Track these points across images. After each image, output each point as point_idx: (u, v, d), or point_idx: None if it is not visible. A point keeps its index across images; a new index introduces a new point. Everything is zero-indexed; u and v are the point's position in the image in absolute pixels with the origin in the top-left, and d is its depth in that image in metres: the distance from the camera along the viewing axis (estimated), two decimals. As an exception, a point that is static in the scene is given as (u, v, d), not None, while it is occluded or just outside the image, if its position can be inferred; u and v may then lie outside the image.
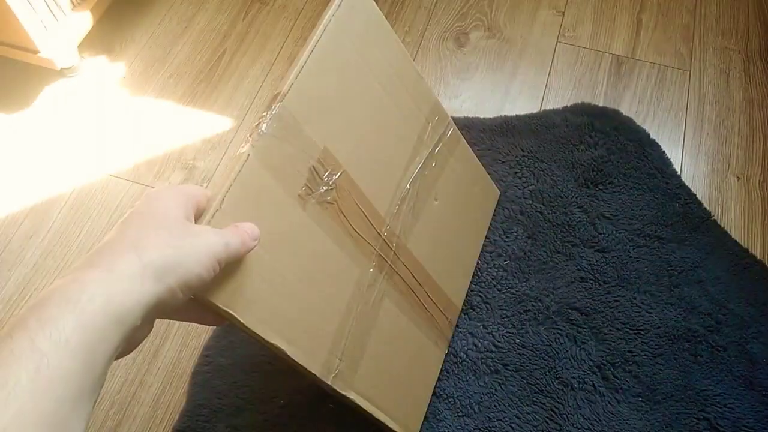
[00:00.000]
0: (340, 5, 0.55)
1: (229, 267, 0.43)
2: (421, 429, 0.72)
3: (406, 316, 0.67)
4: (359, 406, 0.61)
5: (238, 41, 1.12)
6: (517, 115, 0.99)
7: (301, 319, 0.53)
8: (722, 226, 0.88)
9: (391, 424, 0.65)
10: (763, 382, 0.75)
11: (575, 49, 1.09)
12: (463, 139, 0.77)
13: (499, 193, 0.90)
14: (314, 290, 0.54)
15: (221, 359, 0.79)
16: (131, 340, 0.35)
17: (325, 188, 0.55)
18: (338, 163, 0.56)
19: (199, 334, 0.82)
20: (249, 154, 0.46)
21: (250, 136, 0.48)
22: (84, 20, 1.04)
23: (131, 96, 1.06)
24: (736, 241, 0.87)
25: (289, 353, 0.51)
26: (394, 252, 0.65)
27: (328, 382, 0.56)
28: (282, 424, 0.74)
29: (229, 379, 0.77)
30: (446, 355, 0.77)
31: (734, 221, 0.90)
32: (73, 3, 1.03)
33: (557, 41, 1.10)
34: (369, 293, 0.61)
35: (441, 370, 0.76)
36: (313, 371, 0.54)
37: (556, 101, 1.03)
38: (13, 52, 1.01)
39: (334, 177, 0.55)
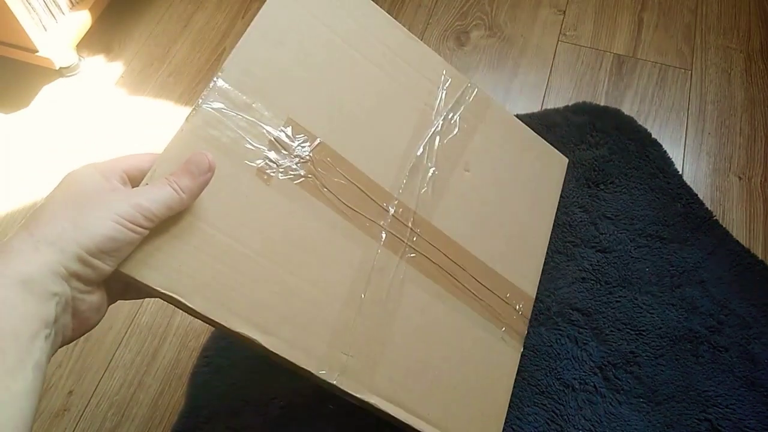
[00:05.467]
0: None
1: (165, 246, 0.43)
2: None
3: (444, 305, 0.59)
4: (390, 415, 0.54)
5: (237, 40, 1.11)
6: (517, 115, 0.99)
7: (280, 305, 0.48)
8: (724, 226, 0.88)
9: None
10: (765, 383, 0.75)
11: (576, 48, 1.08)
12: (496, 102, 0.71)
13: (567, 160, 0.81)
14: (296, 272, 0.50)
15: (220, 360, 0.78)
16: (75, 315, 0.38)
17: (297, 161, 0.52)
18: (311, 133, 0.54)
19: (198, 334, 0.82)
20: (182, 129, 0.47)
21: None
22: (82, 19, 1.04)
23: (130, 95, 1.05)
24: (738, 241, 0.86)
25: (264, 343, 0.47)
26: (411, 229, 0.58)
27: (333, 382, 0.51)
28: (282, 425, 0.74)
29: (229, 380, 0.77)
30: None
31: (736, 221, 0.89)
32: (71, 2, 1.03)
33: (558, 40, 1.10)
34: (382, 278, 0.55)
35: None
36: (305, 366, 0.49)
37: (557, 101, 1.02)
38: (12, 51, 1.00)
39: (305, 148, 0.53)
